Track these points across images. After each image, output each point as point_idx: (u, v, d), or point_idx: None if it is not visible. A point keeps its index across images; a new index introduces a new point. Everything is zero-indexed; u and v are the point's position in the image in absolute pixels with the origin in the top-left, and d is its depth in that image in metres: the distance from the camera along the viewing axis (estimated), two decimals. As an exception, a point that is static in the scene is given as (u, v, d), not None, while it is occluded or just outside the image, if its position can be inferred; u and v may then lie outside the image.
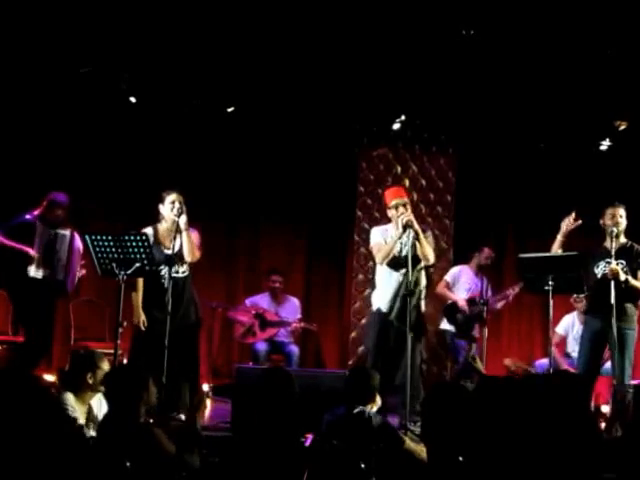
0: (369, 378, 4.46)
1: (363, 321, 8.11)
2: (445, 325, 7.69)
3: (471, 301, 7.46)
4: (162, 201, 5.82)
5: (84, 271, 6.57)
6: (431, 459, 3.32)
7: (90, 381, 4.30)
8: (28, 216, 6.36)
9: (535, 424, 3.15)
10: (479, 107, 7.78)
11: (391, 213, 6.09)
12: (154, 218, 5.95)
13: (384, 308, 5.98)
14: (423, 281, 6.00)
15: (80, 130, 7.84)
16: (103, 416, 4.12)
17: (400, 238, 5.89)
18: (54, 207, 6.37)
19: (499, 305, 7.59)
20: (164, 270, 5.70)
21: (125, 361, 6.08)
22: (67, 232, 6.44)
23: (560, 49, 6.69)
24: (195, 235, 5.93)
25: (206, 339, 7.52)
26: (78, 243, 6.40)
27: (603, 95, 7.25)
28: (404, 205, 5.96)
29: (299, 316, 7.98)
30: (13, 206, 6.72)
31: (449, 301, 7.58)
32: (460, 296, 7.54)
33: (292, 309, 8.04)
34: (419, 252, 5.85)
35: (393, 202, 6.03)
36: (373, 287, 6.29)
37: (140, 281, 5.79)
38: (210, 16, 6.47)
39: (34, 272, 6.24)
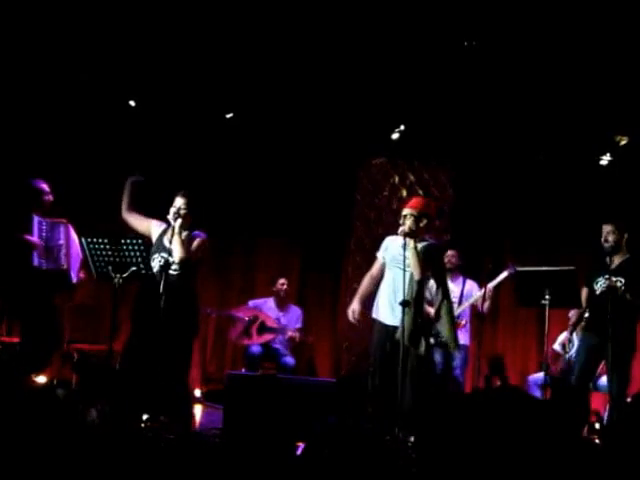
0: (358, 387, 4.42)
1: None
2: None
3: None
4: None
5: (82, 275, 6.32)
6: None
7: None
8: None
9: (532, 437, 3.13)
10: (478, 119, 7.77)
11: None
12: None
13: (381, 318, 5.93)
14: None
15: (79, 133, 7.83)
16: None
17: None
18: (41, 194, 6.19)
19: (485, 308, 7.26)
20: (156, 260, 5.57)
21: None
22: (63, 221, 6.27)
23: (561, 63, 6.70)
24: (198, 240, 5.80)
25: (199, 345, 7.47)
26: (74, 235, 6.24)
27: (604, 110, 7.25)
28: (405, 216, 5.88)
29: (299, 326, 7.96)
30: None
31: None
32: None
33: (294, 318, 8.04)
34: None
35: (402, 212, 5.95)
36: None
37: None
38: (209, 28, 6.50)
39: (38, 261, 6.03)
